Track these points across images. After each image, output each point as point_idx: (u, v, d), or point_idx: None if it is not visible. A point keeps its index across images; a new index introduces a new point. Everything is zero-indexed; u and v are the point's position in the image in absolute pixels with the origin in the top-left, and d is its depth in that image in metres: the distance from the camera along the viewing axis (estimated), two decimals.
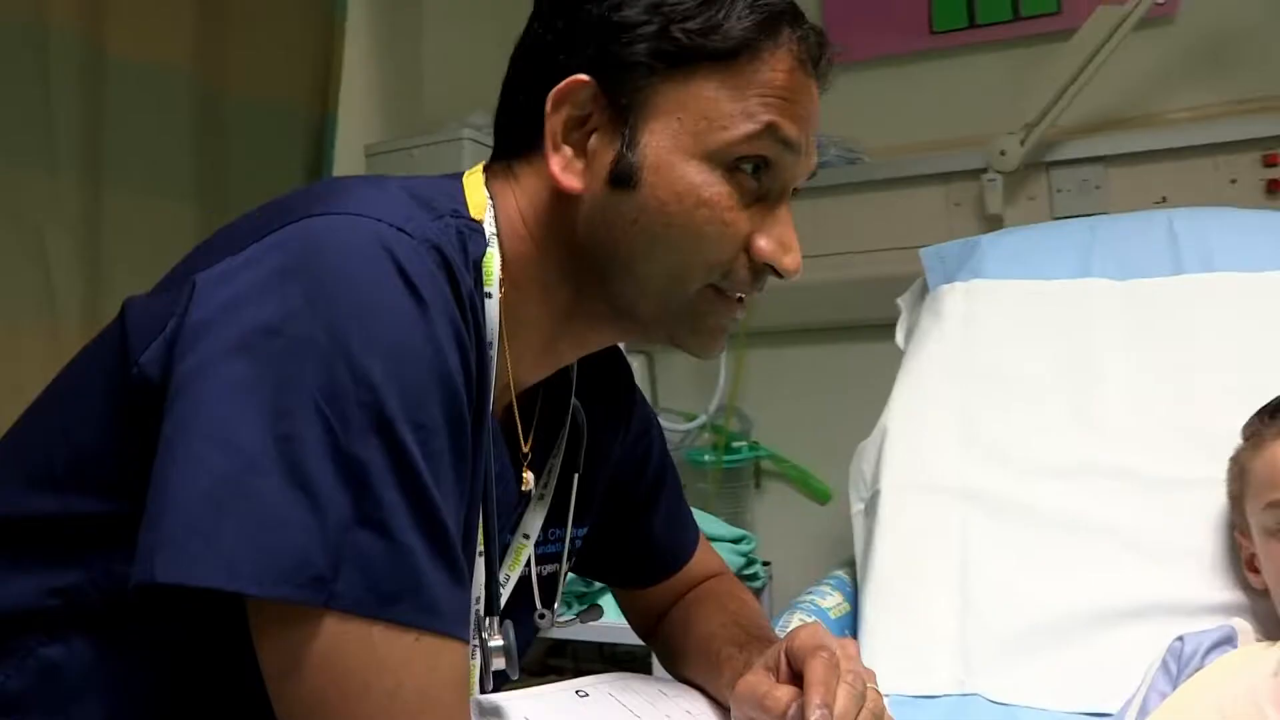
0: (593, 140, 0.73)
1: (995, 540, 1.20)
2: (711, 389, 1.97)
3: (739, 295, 0.78)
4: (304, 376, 0.57)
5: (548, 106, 0.73)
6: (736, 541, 1.72)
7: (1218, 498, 1.13)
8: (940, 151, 1.86)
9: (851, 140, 1.91)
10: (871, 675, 0.77)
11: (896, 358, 1.46)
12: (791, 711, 0.73)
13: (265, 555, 0.55)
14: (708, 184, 0.72)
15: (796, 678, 0.75)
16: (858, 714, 0.73)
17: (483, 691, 0.75)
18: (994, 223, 1.78)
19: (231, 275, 0.61)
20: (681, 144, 0.72)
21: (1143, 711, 0.98)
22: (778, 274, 0.76)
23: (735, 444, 1.99)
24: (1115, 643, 1.09)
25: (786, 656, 0.77)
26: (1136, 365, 1.27)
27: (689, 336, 0.78)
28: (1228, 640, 1.00)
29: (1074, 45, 1.65)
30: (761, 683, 0.78)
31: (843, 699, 0.72)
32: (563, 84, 0.72)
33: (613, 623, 1.26)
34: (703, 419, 1.97)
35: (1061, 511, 1.20)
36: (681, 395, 2.09)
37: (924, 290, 1.51)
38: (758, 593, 1.82)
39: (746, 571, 1.74)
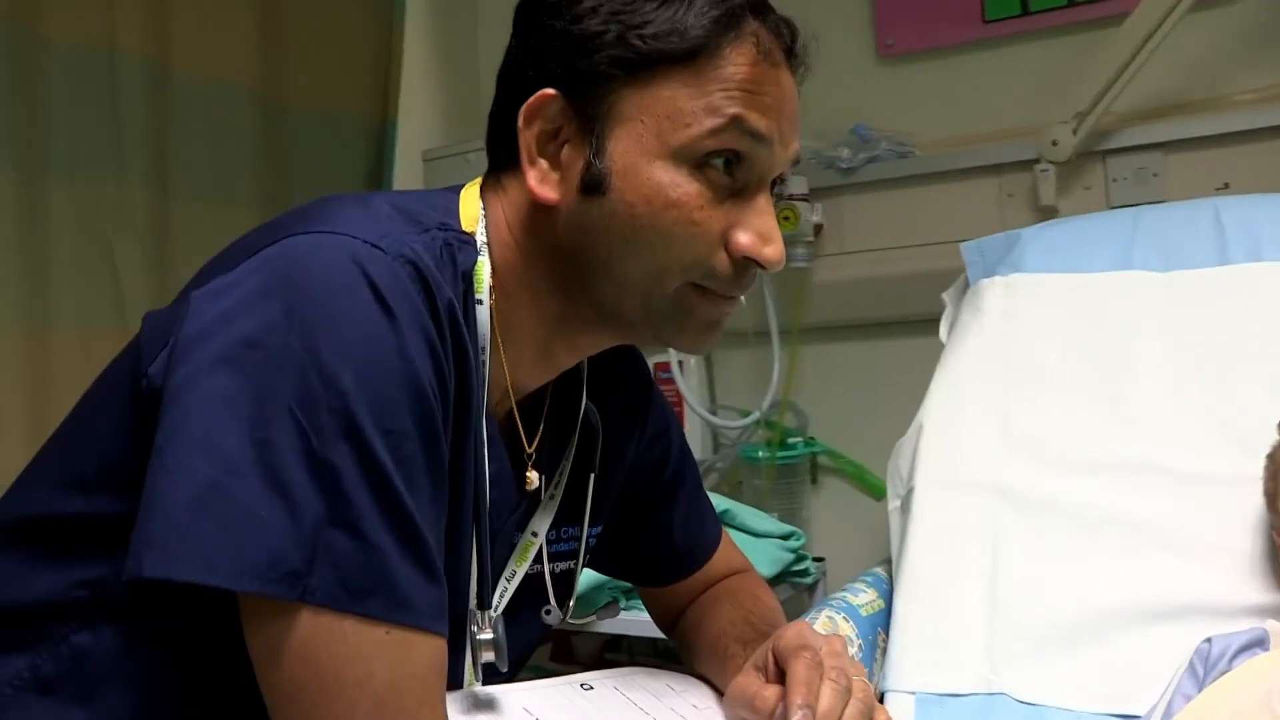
0: (565, 151, 0.75)
1: (1027, 538, 1.19)
2: (768, 385, 1.97)
3: (727, 294, 0.78)
4: (281, 386, 0.61)
5: (520, 122, 0.75)
6: (785, 538, 1.73)
7: (1257, 495, 1.10)
8: (993, 143, 1.82)
9: (903, 134, 1.89)
10: (860, 670, 0.78)
11: None
12: (777, 713, 0.74)
13: (243, 552, 0.59)
14: (674, 184, 0.73)
15: (785, 677, 0.77)
16: (843, 710, 0.74)
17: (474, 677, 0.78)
18: (1048, 214, 1.74)
19: (222, 291, 0.66)
20: (646, 146, 0.73)
21: (1167, 714, 0.96)
22: (761, 266, 0.76)
23: (791, 440, 1.99)
24: (1146, 643, 1.07)
25: (773, 656, 0.78)
26: (1175, 359, 1.24)
27: (676, 335, 0.79)
28: (1258, 643, 0.98)
29: (1126, 30, 1.60)
30: (751, 683, 0.79)
31: (826, 697, 0.73)
32: (532, 100, 0.75)
33: None
34: (756, 415, 1.97)
35: (1095, 509, 1.18)
36: (739, 392, 2.09)
37: (966, 285, 1.49)
38: (809, 589, 1.82)
39: (796, 568, 1.74)
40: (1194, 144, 1.68)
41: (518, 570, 0.87)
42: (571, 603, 0.93)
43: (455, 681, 0.78)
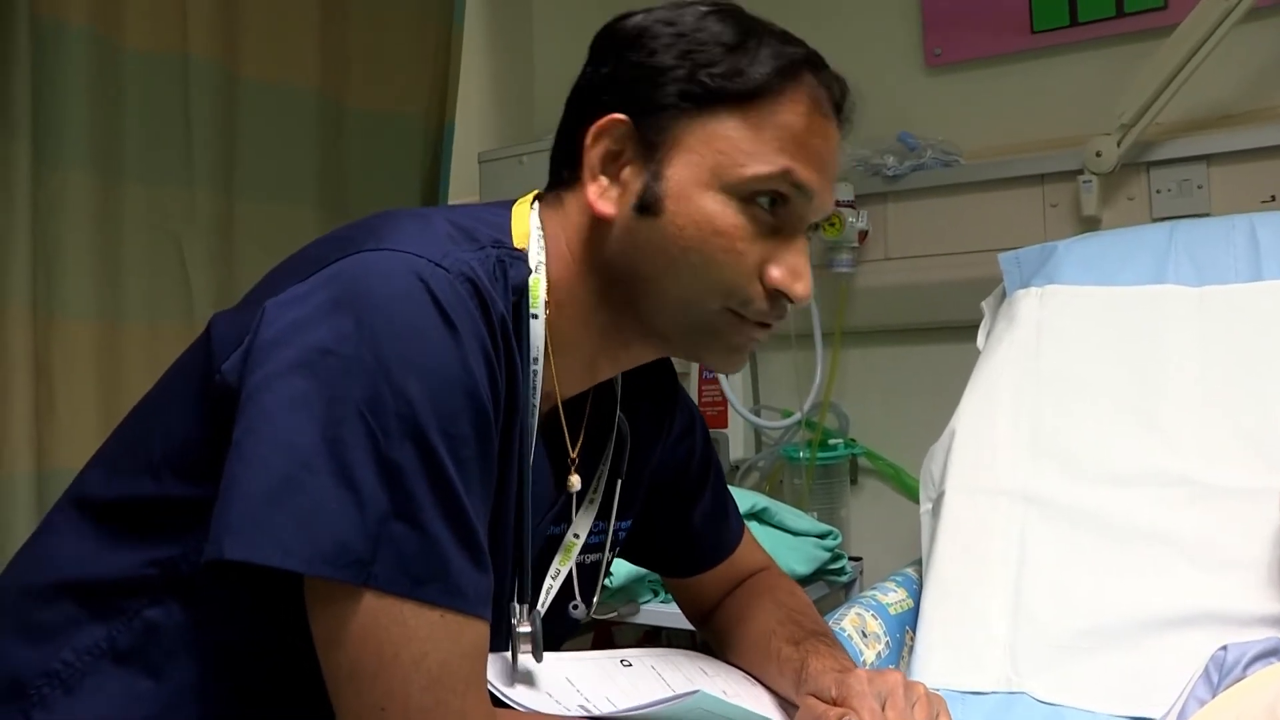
0: (625, 171, 0.81)
1: (1053, 544, 1.22)
2: (810, 387, 2.00)
3: (760, 321, 0.83)
4: (352, 391, 0.67)
5: (587, 140, 0.81)
6: (822, 537, 1.76)
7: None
8: (1037, 153, 1.84)
9: (948, 143, 1.91)
10: (941, 703, 0.84)
11: None
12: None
13: (315, 540, 0.65)
14: (722, 215, 0.79)
15: None
16: None
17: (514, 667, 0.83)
18: (1090, 224, 1.76)
19: (295, 302, 0.71)
20: (701, 177, 0.79)
21: (1180, 718, 0.99)
22: (789, 300, 0.82)
23: (831, 441, 2.02)
24: (1166, 649, 1.10)
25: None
26: (1205, 373, 1.26)
27: (707, 353, 0.85)
28: (1273, 652, 1.00)
29: (1173, 41, 1.61)
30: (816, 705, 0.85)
31: None
32: (602, 121, 0.81)
33: None
34: (798, 416, 2.01)
35: (1121, 517, 1.20)
36: (781, 393, 2.13)
37: (1004, 294, 1.52)
38: (845, 588, 1.85)
39: (832, 567, 1.77)
40: (1238, 156, 1.68)
41: (561, 569, 0.92)
42: (596, 598, 0.97)
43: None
